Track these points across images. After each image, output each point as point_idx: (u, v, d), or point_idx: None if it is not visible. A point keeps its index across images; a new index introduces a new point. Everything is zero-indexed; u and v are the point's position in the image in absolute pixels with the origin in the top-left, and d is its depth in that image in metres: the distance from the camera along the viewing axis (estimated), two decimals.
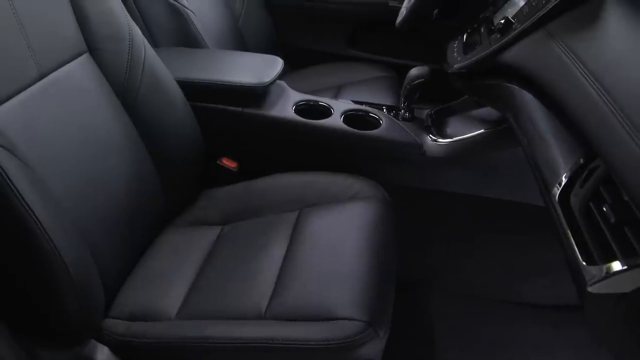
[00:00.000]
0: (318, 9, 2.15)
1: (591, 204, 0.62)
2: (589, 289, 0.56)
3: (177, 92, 1.24)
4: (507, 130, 1.22)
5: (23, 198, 0.81)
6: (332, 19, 2.15)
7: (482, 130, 1.29)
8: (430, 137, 1.36)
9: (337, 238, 1.08)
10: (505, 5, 1.18)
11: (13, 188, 0.80)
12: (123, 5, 1.18)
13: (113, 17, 1.14)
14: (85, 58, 1.10)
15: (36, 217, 0.82)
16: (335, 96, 1.77)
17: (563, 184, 0.68)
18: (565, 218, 0.65)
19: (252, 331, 0.93)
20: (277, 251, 1.09)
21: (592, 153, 0.68)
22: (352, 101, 1.50)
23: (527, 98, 0.93)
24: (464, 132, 1.32)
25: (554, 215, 0.70)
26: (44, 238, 0.82)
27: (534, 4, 1.01)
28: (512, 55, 1.01)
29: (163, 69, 1.22)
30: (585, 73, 0.73)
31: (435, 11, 1.44)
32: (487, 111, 1.35)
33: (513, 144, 1.21)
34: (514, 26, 1.03)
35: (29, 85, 0.97)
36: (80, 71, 1.09)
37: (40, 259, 0.84)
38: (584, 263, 0.58)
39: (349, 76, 1.92)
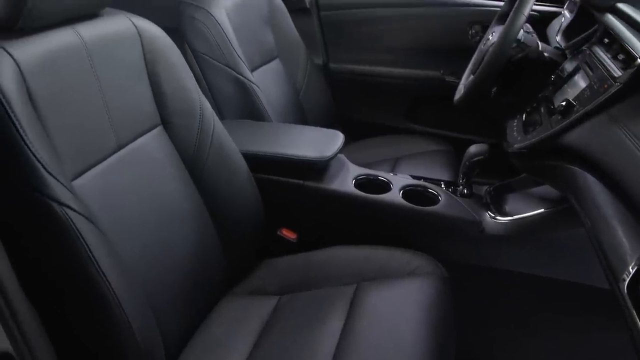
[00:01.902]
0: (376, 83, 2.22)
1: None
2: None
3: (242, 164, 1.29)
4: (568, 210, 1.21)
5: (99, 265, 0.85)
6: (389, 92, 2.22)
7: (542, 210, 1.29)
8: (489, 214, 1.36)
9: (395, 314, 1.08)
10: (565, 85, 1.19)
11: (91, 255, 0.84)
12: (196, 82, 1.25)
13: (186, 93, 1.21)
14: (158, 130, 1.17)
15: (109, 284, 0.86)
16: (392, 168, 1.80)
17: (632, 274, 0.67)
18: (635, 309, 0.64)
19: None
20: (335, 324, 1.09)
21: None
22: (411, 176, 1.52)
23: (590, 181, 0.93)
24: (524, 210, 1.32)
25: (621, 304, 0.68)
26: (115, 304, 0.86)
27: (595, 87, 1.02)
28: (573, 137, 1.01)
29: (229, 142, 1.28)
30: None
31: (494, 89, 1.46)
32: (547, 189, 1.34)
33: (575, 225, 1.19)
34: (575, 109, 1.04)
35: (108, 156, 1.03)
36: (153, 143, 1.15)
37: (111, 325, 0.87)
38: None
39: (406, 149, 1.95)
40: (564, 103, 1.06)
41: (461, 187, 1.45)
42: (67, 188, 0.86)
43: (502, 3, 1.62)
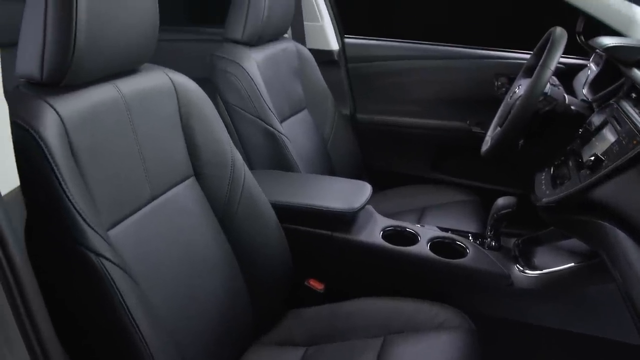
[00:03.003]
0: (403, 133, 2.24)
1: None
2: None
3: (271, 215, 1.31)
4: (599, 265, 1.19)
5: (132, 315, 0.87)
6: (416, 142, 2.23)
7: (572, 264, 1.27)
8: (517, 267, 1.35)
9: None
10: (593, 139, 1.20)
11: (124, 305, 0.86)
12: (227, 134, 1.28)
13: (218, 145, 1.24)
14: (191, 181, 1.19)
15: (141, 334, 0.87)
16: (419, 219, 1.80)
17: None
18: None
19: None
20: None
21: None
22: (438, 227, 1.52)
23: (621, 237, 0.92)
24: (553, 264, 1.31)
25: None
26: (147, 354, 0.87)
27: (624, 142, 1.02)
28: (603, 192, 1.01)
29: (259, 192, 1.30)
30: None
31: (521, 141, 1.47)
32: (576, 242, 1.33)
33: (606, 280, 1.18)
34: (604, 164, 1.04)
35: (142, 207, 1.05)
36: (185, 193, 1.17)
37: None
38: None
39: (432, 199, 1.95)
40: (592, 158, 1.07)
41: (489, 239, 1.44)
42: (104, 239, 0.89)
43: (527, 55, 1.64)
